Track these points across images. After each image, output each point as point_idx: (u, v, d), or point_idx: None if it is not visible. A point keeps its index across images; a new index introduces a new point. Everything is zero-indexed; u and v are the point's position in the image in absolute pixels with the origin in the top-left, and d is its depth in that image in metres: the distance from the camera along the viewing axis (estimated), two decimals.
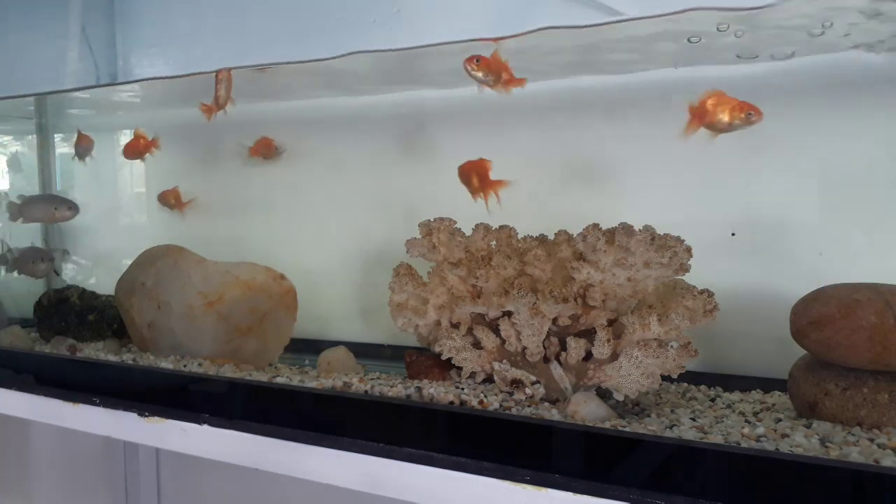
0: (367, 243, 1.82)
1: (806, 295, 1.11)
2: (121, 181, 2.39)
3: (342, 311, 1.87)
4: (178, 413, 1.31)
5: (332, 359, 1.52)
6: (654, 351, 1.12)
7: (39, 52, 1.78)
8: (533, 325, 1.18)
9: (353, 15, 1.35)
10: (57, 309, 1.85)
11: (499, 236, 1.30)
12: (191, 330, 1.57)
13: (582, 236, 1.18)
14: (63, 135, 2.43)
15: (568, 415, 1.09)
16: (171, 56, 1.60)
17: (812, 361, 1.12)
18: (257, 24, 1.50)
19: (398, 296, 1.36)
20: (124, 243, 2.23)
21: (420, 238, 1.34)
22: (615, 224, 1.16)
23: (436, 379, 1.32)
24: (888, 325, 1.00)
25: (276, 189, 1.99)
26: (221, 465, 1.28)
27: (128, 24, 1.66)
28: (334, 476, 1.14)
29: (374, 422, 1.15)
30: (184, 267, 1.62)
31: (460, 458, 1.04)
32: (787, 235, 1.38)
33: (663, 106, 1.46)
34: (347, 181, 1.87)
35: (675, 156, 1.46)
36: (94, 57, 1.67)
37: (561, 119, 1.57)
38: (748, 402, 1.25)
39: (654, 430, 1.03)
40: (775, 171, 1.39)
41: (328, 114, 1.89)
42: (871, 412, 1.03)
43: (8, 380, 1.57)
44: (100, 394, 1.42)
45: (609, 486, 0.93)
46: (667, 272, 1.14)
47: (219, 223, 2.06)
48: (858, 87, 1.32)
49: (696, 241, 1.15)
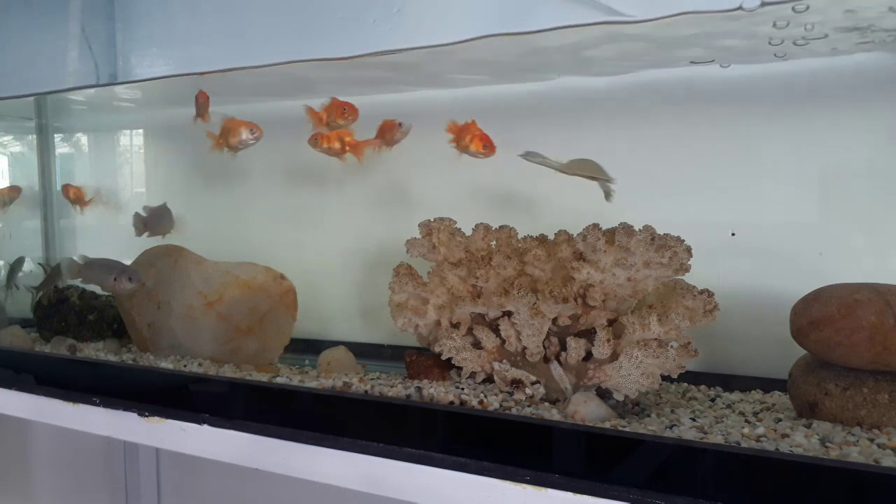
0: (368, 243, 1.82)
1: (806, 295, 1.11)
2: (120, 181, 2.39)
3: (342, 311, 1.86)
4: (178, 413, 1.31)
5: (332, 359, 1.52)
6: (654, 351, 1.12)
7: (39, 52, 1.78)
8: (533, 325, 1.18)
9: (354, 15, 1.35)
10: (57, 309, 1.86)
11: (499, 236, 1.30)
12: (191, 330, 1.57)
13: (582, 236, 1.18)
14: (63, 135, 2.43)
15: (568, 415, 1.09)
16: (171, 56, 1.60)
17: (812, 361, 1.12)
18: (257, 23, 1.50)
19: (398, 296, 1.36)
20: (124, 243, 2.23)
21: (420, 238, 1.34)
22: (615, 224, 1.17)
23: (436, 379, 1.32)
24: (888, 325, 1.00)
25: (275, 189, 1.99)
26: (221, 465, 1.27)
27: (128, 24, 1.65)
28: (334, 476, 1.14)
29: (374, 422, 1.15)
30: (184, 267, 1.62)
31: (460, 458, 1.04)
32: (787, 235, 1.39)
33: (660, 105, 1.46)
34: (348, 181, 1.87)
35: (674, 156, 1.46)
36: (94, 57, 1.67)
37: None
38: (748, 402, 1.25)
39: (654, 430, 1.03)
40: (775, 171, 1.40)
41: None
42: (871, 412, 1.03)
43: (8, 380, 1.57)
44: (100, 394, 1.41)
45: (609, 486, 0.93)
46: (667, 272, 1.14)
47: (219, 223, 2.06)
48: (859, 87, 1.32)
49: (695, 242, 1.15)
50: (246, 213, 2.03)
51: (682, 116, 1.48)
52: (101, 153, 2.37)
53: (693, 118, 1.47)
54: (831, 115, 1.35)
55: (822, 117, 1.36)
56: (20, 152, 2.58)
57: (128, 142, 2.37)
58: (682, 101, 1.47)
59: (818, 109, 1.36)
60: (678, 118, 1.48)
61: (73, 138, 2.49)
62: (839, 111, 1.34)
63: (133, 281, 1.54)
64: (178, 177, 2.20)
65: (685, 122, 1.47)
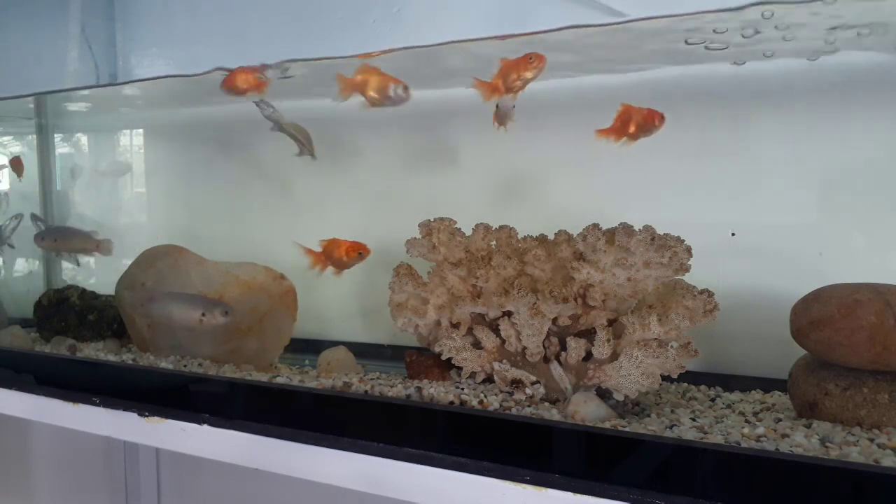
0: (367, 242, 1.82)
1: (806, 295, 1.11)
2: (120, 181, 2.39)
3: (342, 311, 1.86)
4: (178, 413, 1.31)
5: (332, 359, 1.52)
6: (654, 351, 1.12)
7: (39, 52, 1.78)
8: (533, 325, 1.18)
9: (354, 15, 1.35)
10: (57, 309, 1.85)
11: (499, 236, 1.30)
12: (191, 330, 1.57)
13: (582, 236, 1.18)
14: (63, 135, 2.43)
15: (568, 415, 1.09)
16: (171, 56, 1.60)
17: (812, 361, 1.12)
18: (257, 23, 1.50)
19: (398, 296, 1.36)
20: (124, 243, 2.23)
21: (420, 238, 1.34)
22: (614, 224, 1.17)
23: (436, 379, 1.32)
24: (888, 325, 1.00)
25: (275, 189, 1.99)
26: (221, 465, 1.27)
27: (128, 24, 1.66)
28: (334, 476, 1.14)
29: (375, 422, 1.15)
30: (184, 267, 1.62)
31: (460, 458, 1.04)
32: (787, 235, 1.39)
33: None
34: (348, 181, 1.87)
35: (672, 155, 1.46)
36: (94, 57, 1.67)
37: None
38: (748, 402, 1.25)
39: (654, 430, 1.03)
40: (775, 171, 1.40)
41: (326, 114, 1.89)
42: (871, 412, 1.03)
43: (8, 380, 1.57)
44: (100, 394, 1.41)
45: (609, 486, 0.93)
46: (667, 272, 1.14)
47: (219, 223, 2.06)
48: (860, 86, 1.32)
49: (695, 242, 1.15)
50: (246, 214, 2.03)
51: (681, 115, 1.48)
52: (101, 153, 2.37)
53: (693, 117, 1.47)
54: (832, 115, 1.35)
55: (822, 117, 1.36)
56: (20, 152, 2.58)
57: (128, 142, 2.37)
58: (680, 100, 1.47)
59: (819, 109, 1.36)
60: (678, 118, 1.48)
61: (73, 138, 2.49)
62: (839, 111, 1.34)
63: (227, 315, 1.42)
64: (179, 177, 2.20)
65: (685, 121, 1.47)
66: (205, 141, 2.10)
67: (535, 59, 1.21)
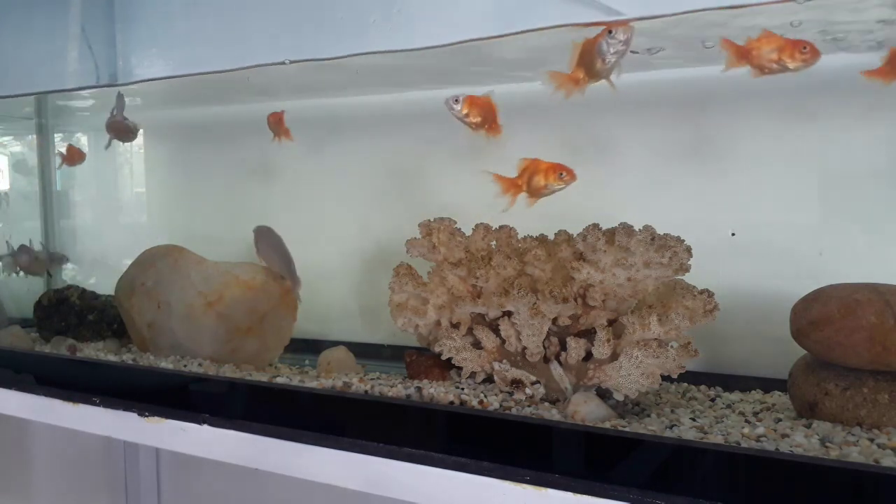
0: (367, 242, 1.82)
1: (806, 295, 1.11)
2: (120, 181, 2.39)
3: (342, 311, 1.86)
4: (178, 413, 1.31)
5: (332, 359, 1.52)
6: (654, 351, 1.12)
7: (39, 52, 1.78)
8: (533, 325, 1.18)
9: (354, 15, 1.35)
10: (57, 309, 1.86)
11: (499, 236, 1.30)
12: (191, 330, 1.57)
13: (582, 236, 1.18)
14: (63, 135, 2.43)
15: (568, 415, 1.09)
16: (170, 56, 1.60)
17: (812, 361, 1.12)
18: (257, 24, 1.50)
19: (398, 296, 1.36)
20: (124, 243, 2.23)
21: (420, 238, 1.34)
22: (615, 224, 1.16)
23: (436, 379, 1.32)
24: (888, 325, 1.00)
25: (275, 189, 1.99)
26: (221, 465, 1.27)
27: (128, 24, 1.66)
28: (334, 476, 1.14)
29: (374, 422, 1.15)
30: (184, 267, 1.62)
31: (460, 458, 1.04)
32: (787, 235, 1.38)
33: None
34: (348, 180, 1.87)
35: (672, 156, 1.46)
36: (94, 57, 1.67)
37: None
38: (748, 402, 1.25)
39: (654, 430, 1.03)
40: (775, 171, 1.40)
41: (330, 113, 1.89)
42: (871, 412, 1.03)
43: (8, 380, 1.57)
44: (100, 394, 1.41)
45: (609, 486, 0.93)
46: (667, 272, 1.14)
47: (219, 223, 2.06)
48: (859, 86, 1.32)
49: (695, 242, 1.15)
50: (246, 214, 2.03)
51: (681, 116, 1.48)
52: (101, 153, 2.37)
53: (693, 117, 1.47)
54: (832, 115, 1.35)
55: (822, 116, 1.36)
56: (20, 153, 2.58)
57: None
58: (680, 100, 1.47)
59: (819, 109, 1.36)
60: (678, 117, 1.49)
61: (73, 138, 2.49)
62: (840, 110, 1.34)
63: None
64: (178, 177, 2.20)
65: (685, 121, 1.47)
66: (205, 141, 2.10)
67: (808, 49, 1.05)
